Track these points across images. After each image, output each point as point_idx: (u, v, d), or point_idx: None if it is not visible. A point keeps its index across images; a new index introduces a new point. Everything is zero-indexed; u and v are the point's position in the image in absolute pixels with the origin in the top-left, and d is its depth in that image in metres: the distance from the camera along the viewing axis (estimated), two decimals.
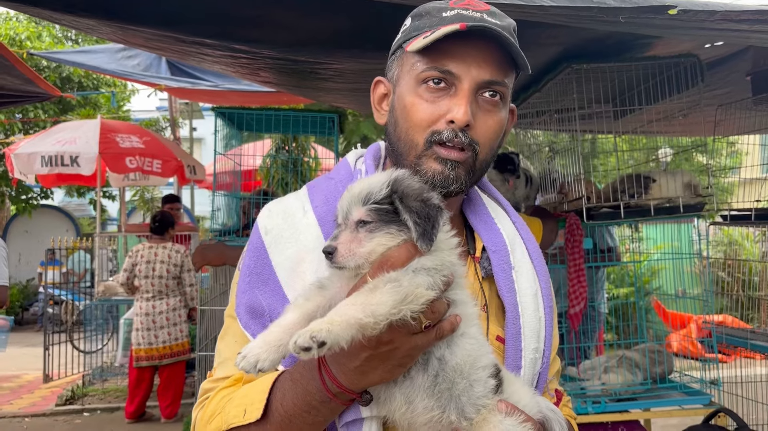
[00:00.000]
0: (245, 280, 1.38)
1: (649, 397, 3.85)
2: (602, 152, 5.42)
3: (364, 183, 1.21)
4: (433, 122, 1.34)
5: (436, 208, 1.18)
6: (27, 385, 10.31)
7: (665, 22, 2.43)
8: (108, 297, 9.29)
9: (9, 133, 15.76)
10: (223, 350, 1.40)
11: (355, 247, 1.14)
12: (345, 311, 1.05)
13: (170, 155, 9.21)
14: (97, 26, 3.32)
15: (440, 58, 1.32)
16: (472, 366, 1.19)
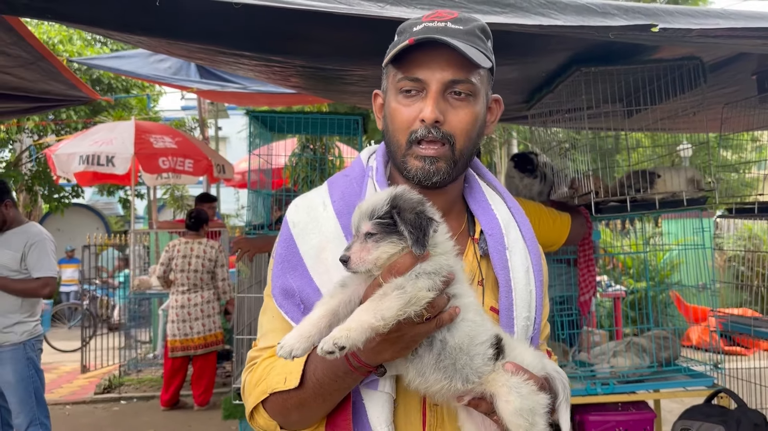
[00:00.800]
0: (278, 266, 1.61)
1: (655, 379, 4.09)
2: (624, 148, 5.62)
3: (371, 200, 1.44)
4: (411, 123, 1.56)
5: (428, 218, 1.39)
6: (66, 375, 10.77)
7: (652, 36, 2.68)
8: (142, 291, 9.69)
9: (42, 134, 16.25)
10: (264, 324, 1.67)
11: (364, 255, 1.38)
12: (360, 317, 1.31)
13: (201, 155, 9.56)
14: (147, 41, 3.62)
15: (410, 68, 1.55)
16: (470, 343, 1.43)
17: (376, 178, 1.63)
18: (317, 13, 2.46)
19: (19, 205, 15.70)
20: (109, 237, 14.61)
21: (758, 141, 6.49)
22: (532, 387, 1.43)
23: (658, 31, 2.52)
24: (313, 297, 1.54)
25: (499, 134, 15.34)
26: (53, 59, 4.85)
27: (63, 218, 19.24)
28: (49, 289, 5.31)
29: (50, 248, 5.37)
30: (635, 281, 10.92)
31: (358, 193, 1.64)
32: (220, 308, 8.10)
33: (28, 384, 5.12)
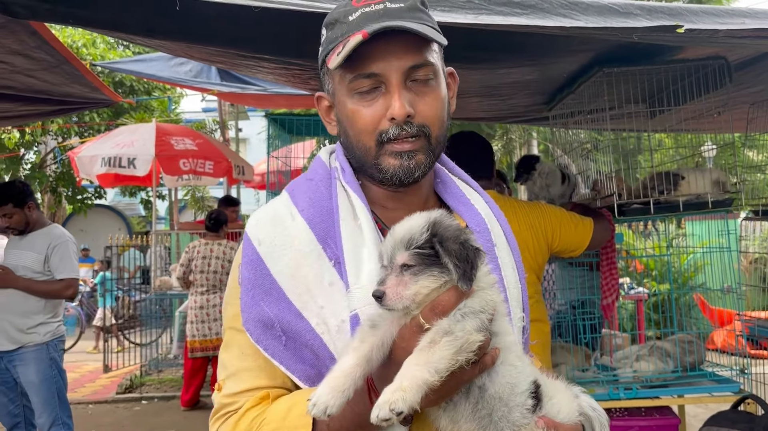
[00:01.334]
0: (248, 294, 1.38)
1: (679, 384, 4.03)
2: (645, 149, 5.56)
3: (405, 226, 1.26)
4: (377, 123, 1.38)
5: (475, 249, 1.23)
6: (88, 375, 10.90)
7: (677, 37, 2.62)
8: (163, 291, 9.77)
9: (66, 136, 16.46)
10: (231, 362, 1.41)
11: (401, 290, 1.20)
12: (412, 374, 1.13)
13: (221, 156, 9.62)
14: (167, 44, 3.64)
15: (362, 64, 1.36)
16: (511, 392, 1.27)
17: (345, 179, 1.47)
18: None
19: (44, 207, 15.96)
20: (131, 238, 14.74)
21: None
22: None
23: (684, 32, 2.46)
24: (294, 323, 1.35)
25: (519, 134, 15.25)
26: (77, 62, 4.89)
27: (86, 219, 19.50)
28: (72, 291, 5.38)
29: (73, 250, 5.43)
30: (658, 283, 10.79)
31: (327, 197, 1.46)
32: None
33: (51, 385, 5.18)
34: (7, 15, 2.80)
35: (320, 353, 1.35)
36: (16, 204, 5.17)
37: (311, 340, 1.35)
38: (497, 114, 6.13)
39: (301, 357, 1.36)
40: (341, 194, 1.45)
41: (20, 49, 3.98)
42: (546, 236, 3.67)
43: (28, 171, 16.33)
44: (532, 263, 3.58)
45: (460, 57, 3.82)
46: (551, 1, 2.64)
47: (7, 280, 5.10)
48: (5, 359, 5.17)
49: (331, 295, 1.36)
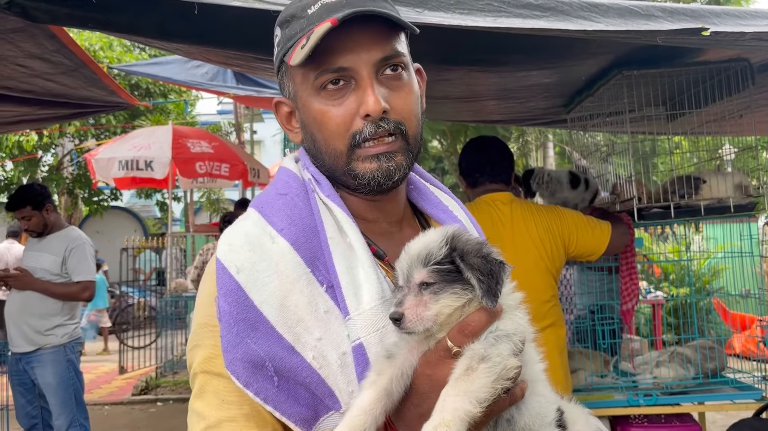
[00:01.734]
0: (231, 331, 1.18)
1: (700, 391, 3.97)
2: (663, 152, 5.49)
3: (422, 242, 1.17)
4: (350, 123, 1.25)
5: (499, 263, 1.13)
6: (104, 376, 10.98)
7: (701, 40, 2.58)
8: (179, 293, 9.81)
9: (83, 138, 16.62)
10: (208, 412, 1.19)
11: (421, 311, 1.10)
12: (454, 406, 1.02)
13: (237, 159, 9.66)
14: (184, 48, 3.66)
15: (327, 58, 1.23)
16: (540, 424, 1.19)
17: (325, 193, 1.31)
18: None
19: (61, 209, 16.11)
20: (147, 240, 14.83)
21: None
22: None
23: (709, 35, 2.42)
24: (288, 360, 1.18)
25: (535, 137, 15.18)
26: (94, 66, 4.92)
27: (102, 221, 19.66)
28: (88, 293, 5.41)
29: (90, 252, 5.47)
30: (676, 287, 10.68)
31: (308, 214, 1.29)
32: None
33: (68, 386, 5.21)
34: (27, 19, 2.81)
35: (318, 391, 1.20)
36: (35, 206, 5.21)
37: (307, 377, 1.19)
38: (515, 117, 6.09)
39: (296, 398, 1.19)
40: (323, 209, 1.29)
41: (39, 52, 4.01)
42: (563, 239, 3.63)
43: (45, 173, 16.52)
44: (550, 266, 3.55)
45: (478, 60, 3.80)
46: (571, 3, 2.61)
47: (25, 282, 5.15)
48: (23, 361, 5.21)
49: (328, 325, 1.21)
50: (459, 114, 6.42)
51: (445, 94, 4.69)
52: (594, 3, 2.65)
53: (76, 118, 10.85)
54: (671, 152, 4.61)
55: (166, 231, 13.89)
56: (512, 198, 3.66)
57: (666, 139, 4.81)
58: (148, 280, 15.34)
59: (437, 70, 3.84)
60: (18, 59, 4.07)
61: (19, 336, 5.17)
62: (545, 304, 3.48)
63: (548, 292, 3.54)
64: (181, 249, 12.48)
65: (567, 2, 2.60)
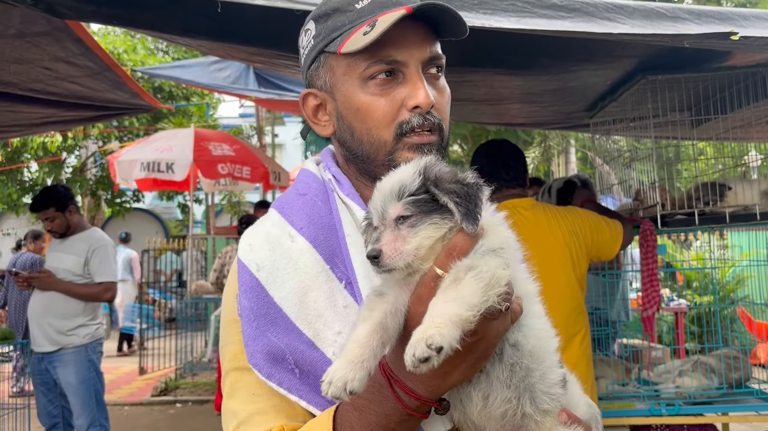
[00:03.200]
0: (252, 325, 1.21)
1: (724, 402, 3.89)
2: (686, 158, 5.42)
3: (394, 177, 1.13)
4: (396, 113, 1.27)
5: (475, 185, 1.10)
6: (124, 377, 11.06)
7: (730, 44, 2.54)
8: (199, 295, 9.87)
9: (106, 140, 16.84)
10: (240, 408, 1.22)
11: (400, 245, 1.06)
12: (444, 310, 0.97)
13: (258, 162, 9.70)
14: (207, 44, 3.68)
15: (379, 50, 1.24)
16: (545, 350, 1.14)
17: (344, 192, 1.32)
18: None
19: (84, 210, 16.31)
20: (168, 242, 14.96)
21: None
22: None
23: (738, 39, 2.37)
24: (308, 354, 1.20)
25: (557, 142, 15.08)
26: (118, 69, 4.98)
27: (124, 222, 19.87)
28: (110, 294, 5.46)
29: (112, 254, 5.52)
30: (699, 296, 10.53)
31: (327, 214, 1.31)
32: None
33: (89, 386, 5.25)
34: (52, 15, 2.85)
35: None
36: (58, 208, 5.27)
37: None
38: (537, 120, 6.06)
39: (317, 391, 1.16)
40: (342, 208, 1.31)
41: (64, 56, 4.07)
42: (586, 241, 3.57)
43: (69, 174, 16.73)
44: (577, 272, 3.44)
45: (502, 62, 3.77)
46: (596, 4, 2.58)
47: (48, 283, 5.20)
48: (45, 360, 5.27)
49: (347, 319, 1.22)
50: (481, 116, 6.40)
51: (468, 96, 4.67)
52: (619, 4, 2.62)
53: (100, 120, 10.98)
54: (695, 158, 4.54)
55: (187, 234, 14.00)
56: (533, 203, 3.55)
57: (690, 144, 4.74)
58: (169, 282, 15.46)
59: (461, 72, 3.82)
60: (44, 62, 4.14)
61: (42, 336, 5.22)
62: (572, 313, 3.36)
63: (574, 300, 3.40)
64: (201, 252, 12.56)
65: (592, 3, 2.57)
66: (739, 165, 4.77)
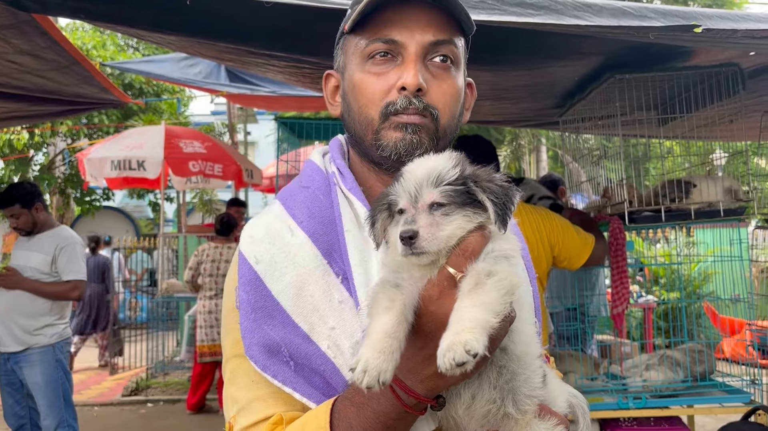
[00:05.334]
0: (249, 317, 1.24)
1: (689, 394, 3.97)
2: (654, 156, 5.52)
3: (428, 164, 1.14)
4: (386, 94, 1.28)
5: (511, 188, 1.11)
6: (95, 377, 10.90)
7: (694, 37, 2.59)
8: (171, 294, 9.77)
9: (75, 137, 16.55)
10: (240, 394, 1.26)
11: (435, 231, 1.06)
12: (474, 315, 0.98)
13: (230, 160, 9.63)
14: (177, 41, 3.65)
15: (381, 29, 1.28)
16: (531, 355, 1.17)
17: (347, 186, 1.33)
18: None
19: (52, 208, 16.02)
20: (139, 240, 14.77)
21: None
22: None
23: (702, 32, 2.43)
24: (303, 348, 1.22)
25: (528, 140, 15.21)
26: (86, 63, 4.91)
27: (94, 221, 19.55)
28: (78, 292, 5.37)
29: (80, 252, 5.43)
30: (667, 291, 10.72)
31: (328, 207, 1.32)
32: None
33: (57, 387, 5.16)
34: (17, 8, 2.80)
35: (332, 380, 1.22)
36: (24, 205, 5.17)
37: (322, 365, 1.22)
38: (508, 117, 6.11)
39: (311, 384, 1.23)
40: (343, 202, 1.31)
41: (30, 49, 3.99)
42: (550, 242, 3.64)
43: (36, 172, 16.41)
44: (536, 268, 3.52)
45: (472, 58, 3.80)
46: (564, 2, 2.62)
47: (14, 281, 5.10)
48: (12, 360, 5.17)
49: (342, 315, 1.23)
50: None
51: None
52: (587, 3, 2.66)
53: (68, 116, 10.81)
54: (663, 157, 4.62)
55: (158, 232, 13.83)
56: None
57: (658, 143, 4.83)
58: (140, 281, 15.27)
59: None
60: (9, 55, 4.06)
61: (8, 335, 5.12)
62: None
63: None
64: (173, 250, 12.43)
65: (560, 1, 2.61)
66: (705, 163, 4.87)
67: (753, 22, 2.71)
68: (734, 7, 14.49)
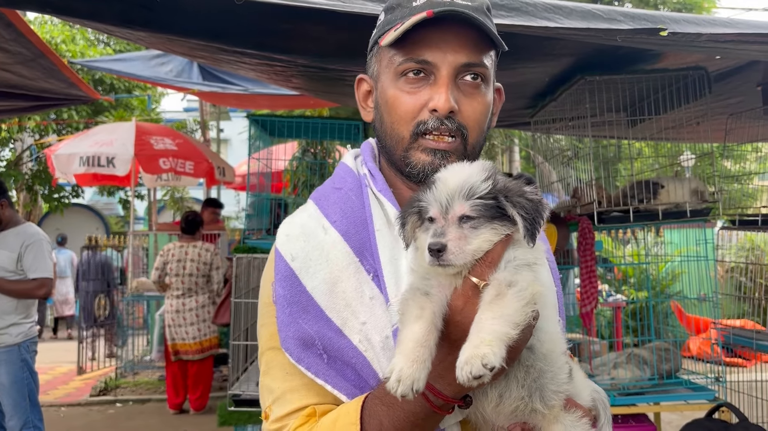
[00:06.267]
0: (285, 311, 1.30)
1: (655, 392, 4.04)
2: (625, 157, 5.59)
3: (461, 175, 1.16)
4: (417, 113, 1.33)
5: (540, 203, 1.14)
6: (61, 377, 10.71)
7: (660, 40, 2.64)
8: (140, 293, 9.64)
9: (44, 133, 16.24)
10: (275, 385, 1.33)
11: (463, 245, 1.10)
12: (493, 328, 1.02)
13: (202, 157, 9.53)
14: (147, 37, 3.60)
15: (415, 49, 1.31)
16: (556, 353, 1.20)
17: (377, 187, 1.38)
18: (319, 12, 2.42)
19: (19, 205, 15.71)
20: (108, 238, 14.56)
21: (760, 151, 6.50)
22: (586, 426, 1.23)
23: (667, 35, 2.47)
24: (335, 341, 1.27)
25: (501, 140, 15.32)
26: (53, 56, 4.82)
27: (62, 218, 19.22)
28: (45, 290, 5.26)
29: (47, 249, 5.32)
30: (636, 291, 10.87)
31: (360, 208, 1.38)
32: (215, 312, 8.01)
33: (22, 387, 5.06)
34: None
35: (363, 372, 1.27)
36: None
37: (353, 358, 1.27)
38: None
39: (344, 376, 1.28)
40: (374, 203, 1.37)
41: None
42: None
43: (3, 168, 16.08)
44: None
45: None
46: (535, 4, 2.65)
47: None
48: None
49: (372, 310, 1.28)
50: None
51: None
52: (558, 5, 2.69)
53: (35, 111, 10.61)
54: (632, 158, 4.68)
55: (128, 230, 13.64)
56: None
57: (628, 144, 4.91)
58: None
59: None
60: None
61: None
62: None
63: None
64: (143, 248, 12.27)
65: (531, 3, 2.64)
66: (674, 164, 4.95)
67: (718, 27, 2.76)
68: (703, 12, 14.76)
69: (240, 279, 4.52)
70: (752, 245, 11.82)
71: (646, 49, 3.45)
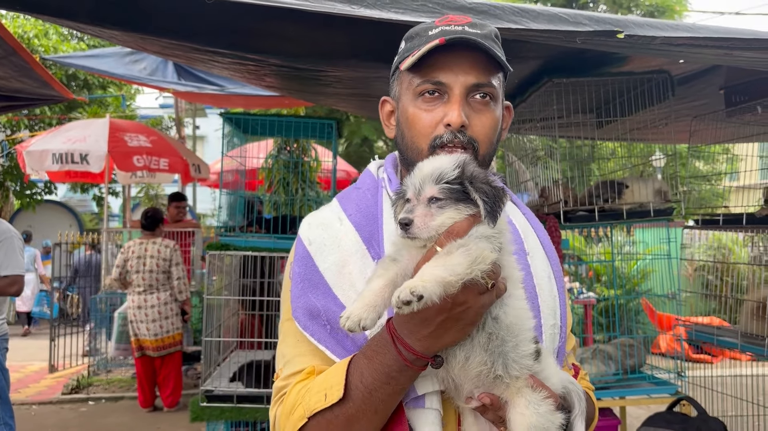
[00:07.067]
0: (298, 286, 1.52)
1: (620, 386, 4.15)
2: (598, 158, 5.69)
3: (435, 164, 1.35)
4: (434, 128, 1.51)
5: (501, 189, 1.32)
6: (33, 375, 10.59)
7: (618, 43, 2.73)
8: (113, 290, 9.57)
9: (15, 129, 16.01)
10: (287, 351, 1.53)
11: (428, 220, 1.28)
12: (432, 272, 1.21)
13: (176, 154, 9.48)
14: (120, 36, 3.59)
15: (431, 72, 1.50)
16: (520, 327, 1.35)
17: (392, 188, 1.57)
18: (291, 11, 2.46)
19: None
20: (82, 235, 14.41)
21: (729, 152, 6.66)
22: (551, 406, 1.35)
23: (624, 37, 2.56)
24: (339, 314, 1.39)
25: None
26: (26, 54, 4.78)
27: (35, 215, 18.96)
28: (16, 287, 5.21)
29: (18, 246, 5.28)
30: (607, 288, 11.04)
31: (373, 204, 1.59)
32: (177, 309, 7.96)
33: None
34: None
35: (360, 343, 1.44)
36: None
37: None
38: None
39: (343, 346, 1.46)
40: (386, 201, 1.57)
41: None
42: None
43: None
44: None
45: None
46: (503, 7, 2.72)
47: None
48: None
49: None
50: None
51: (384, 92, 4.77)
52: (525, 8, 2.77)
53: (5, 112, 10.45)
54: (606, 158, 4.79)
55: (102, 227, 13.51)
56: None
57: (603, 145, 5.00)
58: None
59: (374, 68, 3.91)
60: None
61: None
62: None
63: None
64: (117, 246, 12.16)
65: (500, 6, 2.71)
66: (643, 164, 5.07)
67: (672, 30, 2.85)
68: (675, 15, 15.01)
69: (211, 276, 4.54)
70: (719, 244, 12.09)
71: (611, 52, 3.54)
